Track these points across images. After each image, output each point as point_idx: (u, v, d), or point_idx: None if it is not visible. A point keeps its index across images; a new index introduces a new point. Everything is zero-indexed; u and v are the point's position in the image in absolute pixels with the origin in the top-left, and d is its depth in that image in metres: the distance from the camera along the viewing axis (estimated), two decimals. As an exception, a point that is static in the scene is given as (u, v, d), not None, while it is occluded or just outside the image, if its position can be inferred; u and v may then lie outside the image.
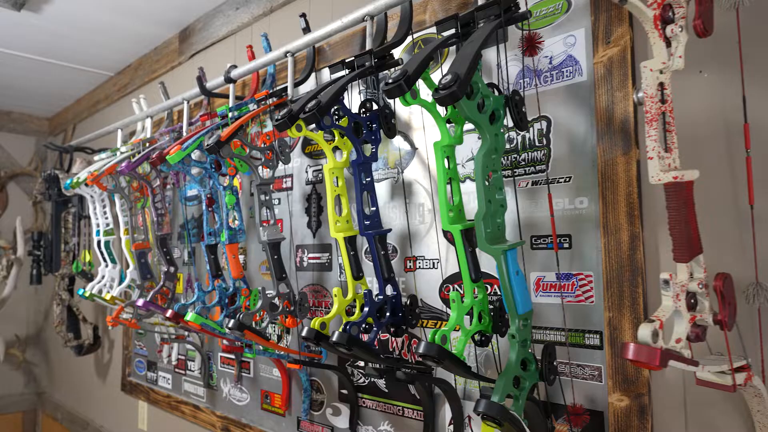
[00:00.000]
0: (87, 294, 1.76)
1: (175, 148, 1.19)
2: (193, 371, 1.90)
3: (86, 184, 1.67)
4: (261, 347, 1.31)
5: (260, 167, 1.25)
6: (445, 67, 1.15)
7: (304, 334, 0.92)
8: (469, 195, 1.07)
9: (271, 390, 1.57)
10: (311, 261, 1.45)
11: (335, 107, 0.98)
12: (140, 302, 1.44)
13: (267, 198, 1.20)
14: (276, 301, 1.19)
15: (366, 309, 0.96)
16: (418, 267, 1.18)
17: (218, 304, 1.29)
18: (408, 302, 1.04)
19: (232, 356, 1.70)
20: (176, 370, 2.00)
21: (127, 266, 1.78)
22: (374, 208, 1.02)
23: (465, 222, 0.86)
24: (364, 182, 0.99)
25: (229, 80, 1.38)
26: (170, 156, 1.19)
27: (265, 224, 1.18)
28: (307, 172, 1.48)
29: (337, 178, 1.02)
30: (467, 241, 0.86)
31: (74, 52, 2.30)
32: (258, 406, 1.61)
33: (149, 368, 2.17)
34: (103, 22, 2.02)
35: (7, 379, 3.21)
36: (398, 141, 1.23)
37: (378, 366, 1.09)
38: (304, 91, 1.40)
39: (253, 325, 1.14)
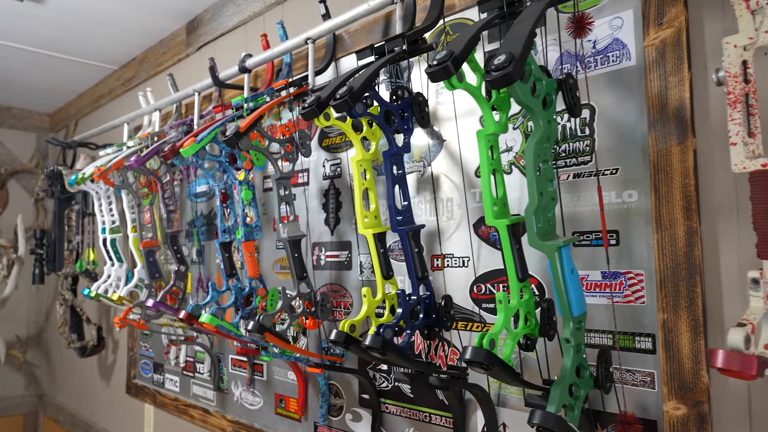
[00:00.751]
0: (93, 294, 1.69)
1: (188, 141, 1.13)
2: (202, 374, 1.83)
3: (92, 180, 1.61)
4: (277, 350, 1.25)
5: (279, 161, 1.18)
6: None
7: (333, 337, 0.86)
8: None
9: (286, 394, 1.50)
10: (329, 259, 1.39)
11: (365, 95, 0.91)
12: (150, 303, 1.38)
13: (287, 193, 1.13)
14: (296, 301, 1.12)
15: (399, 310, 0.89)
16: (446, 265, 1.12)
17: (233, 305, 1.23)
18: (443, 303, 0.97)
19: (244, 359, 1.64)
20: (184, 372, 1.94)
21: (134, 265, 1.72)
22: (406, 203, 0.96)
23: (511, 216, 0.80)
24: (395, 174, 0.92)
25: (244, 70, 1.32)
26: (184, 149, 1.12)
27: (284, 221, 1.12)
28: (324, 166, 1.41)
29: (365, 170, 0.95)
30: (514, 238, 0.79)
31: (77, 44, 2.23)
32: (272, 410, 1.54)
33: (156, 370, 2.10)
34: (108, 14, 1.95)
35: (7, 381, 3.14)
36: (423, 133, 1.17)
37: (407, 371, 1.03)
38: (321, 82, 1.34)
39: (273, 328, 1.07)
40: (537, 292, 0.98)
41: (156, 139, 1.64)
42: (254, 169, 1.23)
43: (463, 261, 1.11)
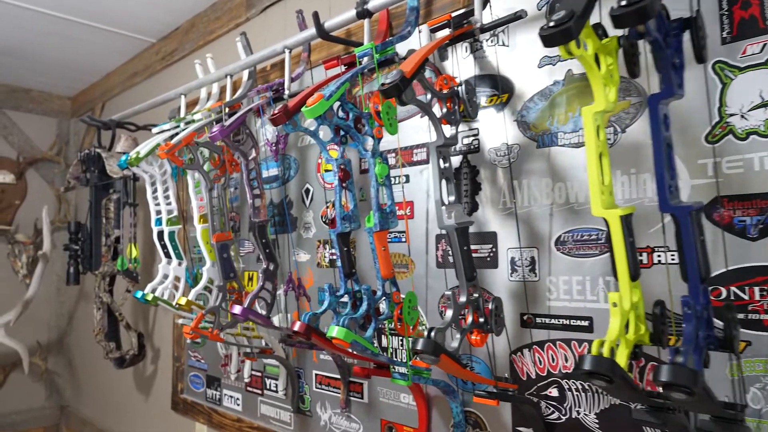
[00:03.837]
0: (149, 297, 1.41)
1: (315, 98, 0.84)
2: (274, 391, 1.55)
3: (157, 158, 1.32)
4: (403, 371, 0.97)
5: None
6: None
7: (590, 366, 0.58)
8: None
9: (397, 420, 1.22)
10: (462, 255, 1.11)
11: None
12: (237, 309, 1.09)
13: (446, 166, 0.85)
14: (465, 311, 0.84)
15: (688, 329, 0.61)
16: (657, 261, 0.84)
17: (358, 314, 0.94)
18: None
19: (335, 376, 1.35)
20: (249, 388, 1.65)
21: (193, 262, 1.44)
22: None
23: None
24: (666, 135, 0.64)
25: (364, 14, 1.03)
26: (309, 108, 0.84)
27: (448, 202, 0.84)
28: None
29: (598, 127, 0.67)
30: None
31: (111, 9, 1.93)
32: (377, 440, 1.26)
33: (209, 385, 1.82)
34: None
35: (26, 391, 2.85)
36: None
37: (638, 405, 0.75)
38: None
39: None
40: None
41: (227, 110, 1.35)
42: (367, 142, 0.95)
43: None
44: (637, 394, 0.65)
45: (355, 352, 0.89)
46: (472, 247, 1.09)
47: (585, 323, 0.94)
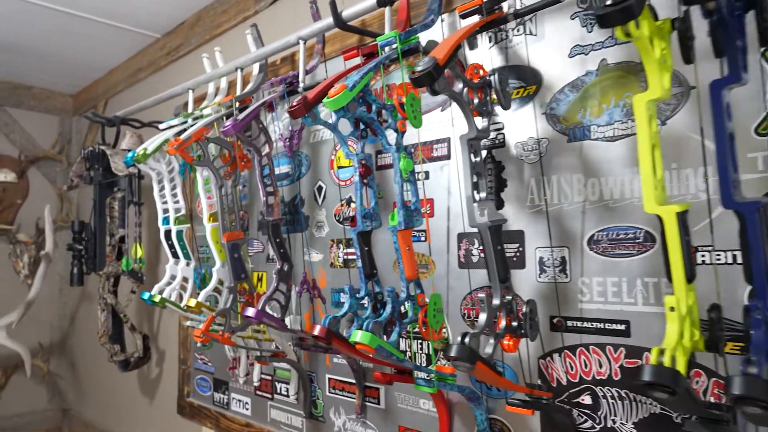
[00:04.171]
0: (156, 299, 1.36)
1: (337, 88, 0.79)
2: (285, 395, 1.50)
3: (167, 153, 1.27)
4: (426, 377, 0.92)
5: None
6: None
7: (649, 377, 0.53)
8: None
9: (416, 428, 1.17)
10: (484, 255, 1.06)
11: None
12: (251, 312, 1.04)
13: (478, 160, 0.80)
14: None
15: (758, 336, 0.56)
16: (704, 261, 0.79)
17: (382, 317, 0.89)
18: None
19: (350, 380, 1.30)
20: (258, 392, 1.60)
21: (200, 262, 1.39)
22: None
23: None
24: (728, 125, 0.59)
25: (385, 2, 0.98)
26: (331, 99, 0.79)
27: (479, 198, 0.79)
28: (477, 133, 1.08)
29: (651, 117, 0.62)
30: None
31: (114, 3, 1.88)
32: (395, 447, 1.21)
33: (217, 388, 1.77)
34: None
35: (28, 393, 2.80)
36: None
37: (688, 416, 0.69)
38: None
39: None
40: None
41: (238, 104, 1.30)
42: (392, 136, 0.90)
43: (733, 256, 0.78)
44: (696, 406, 0.60)
45: (378, 358, 0.84)
46: (497, 246, 1.05)
47: (621, 327, 0.88)
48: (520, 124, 1.02)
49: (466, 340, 0.69)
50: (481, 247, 1.06)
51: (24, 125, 2.82)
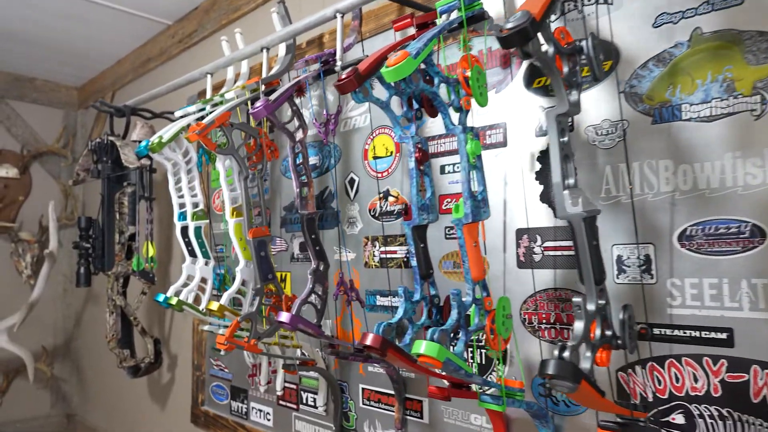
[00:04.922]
0: (173, 301, 1.24)
1: (399, 56, 0.67)
2: (312, 406, 1.38)
3: (184, 142, 1.15)
4: (492, 392, 0.80)
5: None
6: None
7: None
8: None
9: (466, 446, 1.05)
10: (551, 253, 0.94)
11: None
12: (286, 317, 0.93)
13: (566, 140, 0.68)
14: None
15: None
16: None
17: (447, 325, 0.77)
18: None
19: (387, 391, 1.19)
20: (281, 402, 1.48)
21: (217, 261, 1.27)
22: None
23: None
24: None
25: (440, -36, 0.86)
26: (391, 68, 0.67)
27: (569, 186, 0.67)
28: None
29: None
30: None
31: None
32: (440, 467, 1.09)
33: (235, 397, 1.65)
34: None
35: (31, 398, 2.68)
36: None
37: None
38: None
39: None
40: None
41: (264, 87, 1.18)
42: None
43: None
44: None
45: (445, 372, 0.72)
46: (564, 243, 0.93)
47: (722, 336, 0.76)
48: (592, 105, 0.90)
49: (566, 354, 0.57)
50: (545, 245, 0.94)
51: (27, 118, 2.71)
